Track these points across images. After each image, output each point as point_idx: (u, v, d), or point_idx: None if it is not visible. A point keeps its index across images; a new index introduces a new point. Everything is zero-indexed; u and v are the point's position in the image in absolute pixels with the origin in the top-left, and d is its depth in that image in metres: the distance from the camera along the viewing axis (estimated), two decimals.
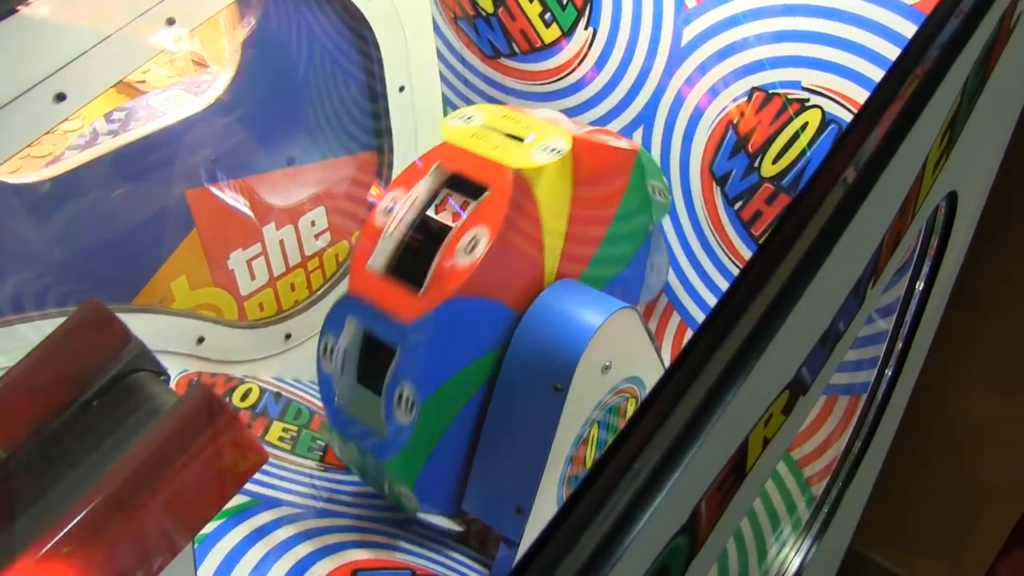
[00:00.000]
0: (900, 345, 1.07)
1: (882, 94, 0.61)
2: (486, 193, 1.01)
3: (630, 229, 1.19)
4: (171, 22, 1.10)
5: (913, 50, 0.63)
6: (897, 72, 0.62)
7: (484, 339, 1.04)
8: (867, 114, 0.60)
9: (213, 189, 1.26)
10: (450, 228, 1.01)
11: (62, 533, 0.64)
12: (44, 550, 0.63)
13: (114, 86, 1.09)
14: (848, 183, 0.57)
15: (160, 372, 0.79)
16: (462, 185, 1.04)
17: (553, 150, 1.02)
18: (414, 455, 1.03)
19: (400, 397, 1.01)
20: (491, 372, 1.06)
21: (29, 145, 1.04)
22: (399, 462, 1.02)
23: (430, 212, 1.04)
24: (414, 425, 1.01)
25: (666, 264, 1.26)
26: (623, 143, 1.12)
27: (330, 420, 1.09)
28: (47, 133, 1.05)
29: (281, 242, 1.36)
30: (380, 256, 1.03)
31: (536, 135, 1.05)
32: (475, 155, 1.04)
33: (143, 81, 1.63)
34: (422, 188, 1.05)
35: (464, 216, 1.01)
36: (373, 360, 1.03)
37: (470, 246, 0.99)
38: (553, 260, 1.08)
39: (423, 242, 1.02)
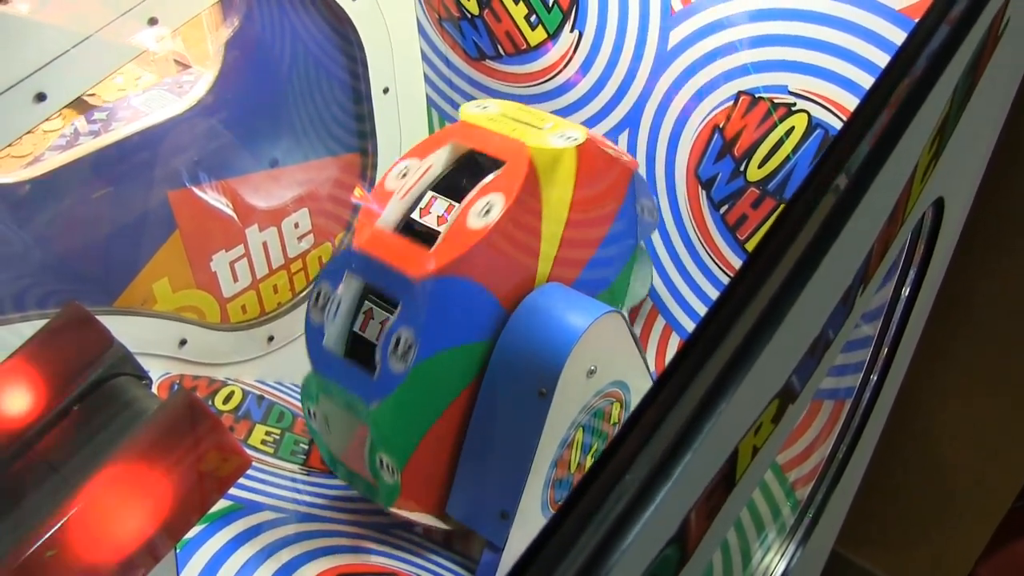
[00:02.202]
0: (885, 350, 1.07)
1: (873, 100, 0.61)
2: (503, 167, 1.03)
3: (619, 247, 1.20)
4: (153, 22, 1.09)
5: (904, 57, 0.63)
6: (888, 78, 0.62)
7: (476, 326, 1.04)
8: (858, 121, 0.60)
9: (195, 190, 1.25)
10: (436, 232, 1.00)
11: (43, 538, 0.64)
12: (25, 555, 0.63)
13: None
14: (839, 190, 0.57)
15: (142, 376, 0.79)
16: (477, 162, 1.05)
17: (570, 138, 1.05)
18: (400, 416, 1.02)
19: (398, 342, 1.00)
20: (479, 366, 1.05)
21: (9, 145, 1.03)
22: (385, 413, 1.00)
23: (415, 215, 1.04)
24: (405, 376, 0.99)
25: (650, 274, 1.26)
26: (625, 157, 1.14)
27: (314, 366, 1.07)
28: (27, 133, 1.04)
29: (264, 244, 1.35)
30: (392, 215, 1.04)
31: (553, 124, 1.08)
32: (493, 132, 1.07)
33: (93, 95, 1.60)
34: (439, 158, 1.06)
35: (480, 184, 1.03)
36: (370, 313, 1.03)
37: (484, 210, 1.00)
38: (546, 264, 1.09)
39: (438, 204, 1.04)
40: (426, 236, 1.01)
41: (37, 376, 0.76)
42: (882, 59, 0.99)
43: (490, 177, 1.03)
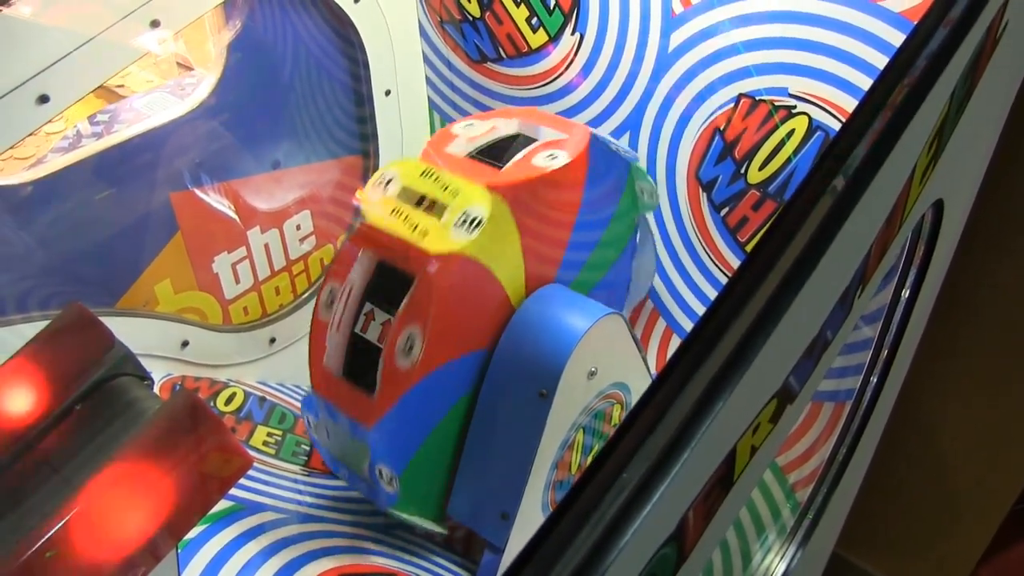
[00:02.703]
0: (885, 352, 1.07)
1: (871, 103, 0.61)
2: (413, 286, 0.99)
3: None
4: (156, 24, 1.09)
5: (902, 59, 0.63)
6: (886, 81, 0.62)
7: (454, 392, 1.06)
8: (856, 123, 0.60)
9: (198, 192, 1.26)
10: (379, 348, 1.00)
11: (44, 538, 0.64)
12: (26, 555, 0.63)
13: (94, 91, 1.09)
14: (837, 192, 0.57)
15: (144, 376, 0.79)
16: (388, 275, 1.02)
17: (473, 222, 0.97)
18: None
19: (381, 475, 1.03)
20: (470, 407, 1.07)
21: (12, 147, 1.03)
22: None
23: (357, 329, 1.04)
24: (398, 491, 1.03)
25: (652, 267, 1.26)
26: (562, 157, 1.06)
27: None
28: (30, 135, 1.04)
29: (266, 246, 1.35)
30: (332, 358, 1.04)
31: (454, 203, 0.99)
32: (398, 239, 0.99)
33: (122, 85, 1.62)
34: (355, 278, 1.04)
35: (394, 319, 1.00)
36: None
37: (407, 347, 0.99)
38: (518, 286, 1.07)
39: (364, 350, 1.03)
40: (370, 375, 1.01)
41: (39, 376, 0.76)
42: (882, 61, 0.99)
43: (402, 306, 0.99)
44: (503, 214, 1.00)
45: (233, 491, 0.77)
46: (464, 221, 0.97)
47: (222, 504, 1.08)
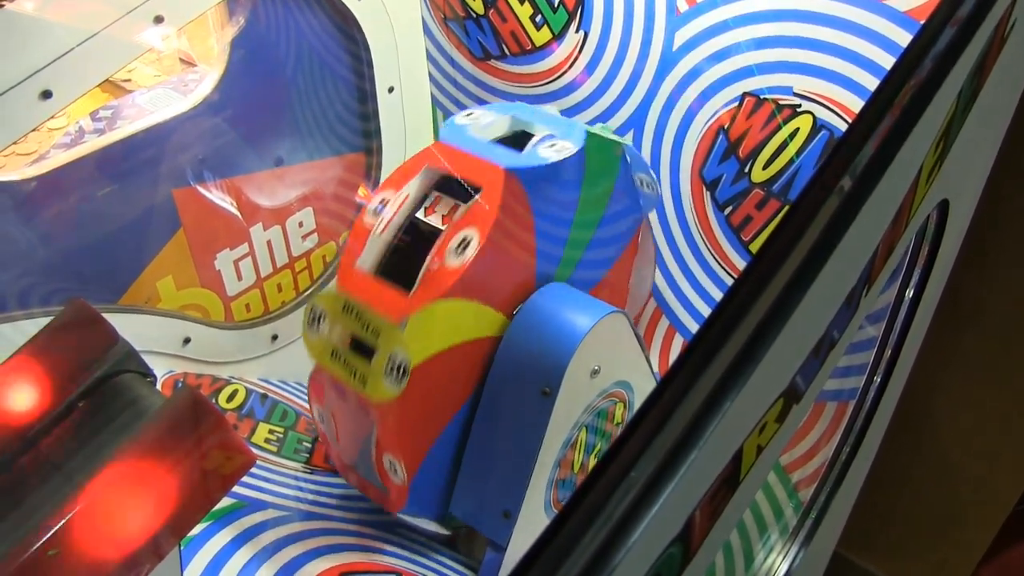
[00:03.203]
0: (889, 352, 1.07)
1: (878, 102, 0.61)
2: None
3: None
4: (159, 20, 1.09)
5: (909, 58, 0.63)
6: (893, 80, 0.62)
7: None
8: (863, 123, 0.60)
9: (200, 189, 1.25)
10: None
11: (48, 535, 0.64)
12: (30, 551, 0.63)
13: (99, 85, 1.09)
14: (844, 192, 0.57)
15: (146, 373, 0.79)
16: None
17: (399, 370, 0.96)
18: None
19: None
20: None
21: (14, 143, 1.03)
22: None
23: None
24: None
25: (651, 274, 1.25)
26: (473, 244, 1.00)
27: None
28: (32, 131, 1.04)
29: (268, 243, 1.35)
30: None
31: (379, 347, 0.97)
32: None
33: (129, 80, 1.62)
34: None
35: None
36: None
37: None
38: (496, 324, 1.06)
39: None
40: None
41: (42, 373, 0.76)
42: (887, 61, 0.99)
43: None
44: (441, 314, 0.98)
45: (235, 489, 0.77)
46: (392, 369, 0.95)
47: (224, 502, 1.08)
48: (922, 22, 0.68)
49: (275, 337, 1.39)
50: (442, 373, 1.01)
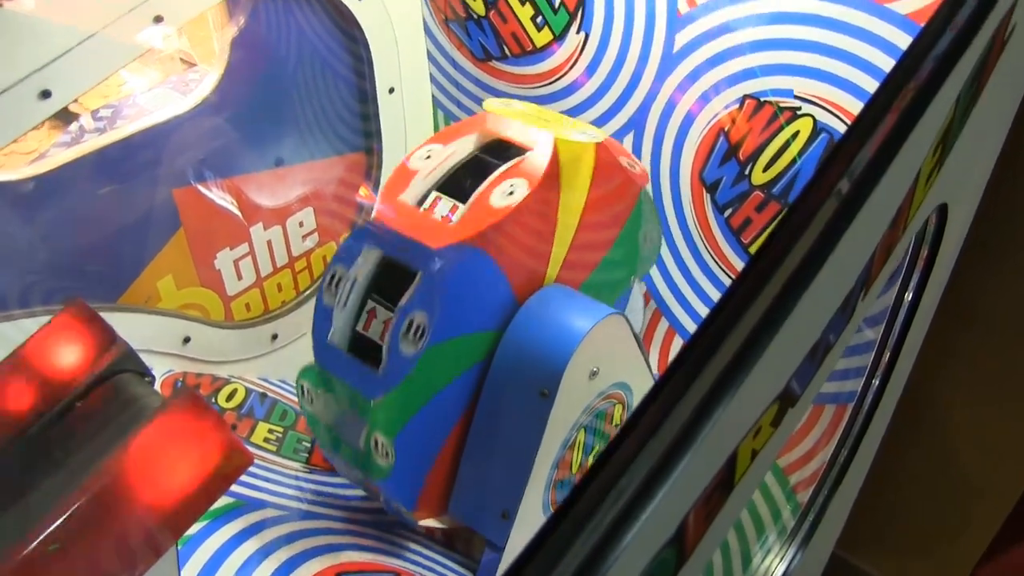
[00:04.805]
0: (888, 355, 1.07)
1: (877, 105, 0.60)
2: (529, 152, 1.03)
3: (618, 267, 1.19)
4: (158, 19, 1.09)
5: (908, 62, 0.63)
6: (893, 83, 0.62)
7: (488, 311, 1.04)
8: (861, 126, 0.60)
9: (200, 188, 1.26)
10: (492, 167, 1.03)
11: (45, 534, 0.64)
12: (27, 550, 0.63)
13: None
14: (842, 195, 0.57)
15: (145, 373, 0.79)
16: (502, 149, 1.06)
17: (589, 135, 1.06)
18: (401, 408, 1.02)
19: (411, 323, 0.99)
20: (485, 353, 1.05)
21: (14, 142, 1.03)
22: (386, 406, 1.00)
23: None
24: (415, 362, 0.99)
25: (642, 312, 1.26)
26: (637, 169, 1.14)
27: (317, 357, 1.06)
28: (32, 130, 1.04)
29: (268, 242, 1.35)
30: (415, 191, 1.04)
31: (573, 125, 1.09)
32: (517, 122, 1.07)
33: (76, 101, 1.59)
34: (464, 144, 1.07)
35: (504, 167, 1.03)
36: (388, 287, 1.02)
37: (508, 191, 1.00)
38: (555, 265, 1.09)
39: (461, 181, 1.04)
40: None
41: (40, 373, 0.76)
42: (888, 63, 0.99)
43: (513, 162, 1.03)
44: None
45: (234, 488, 0.77)
46: (583, 132, 1.06)
47: (222, 501, 1.08)
48: (922, 25, 0.67)
49: (275, 337, 1.40)
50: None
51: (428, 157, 1.07)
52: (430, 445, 1.06)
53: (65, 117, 1.52)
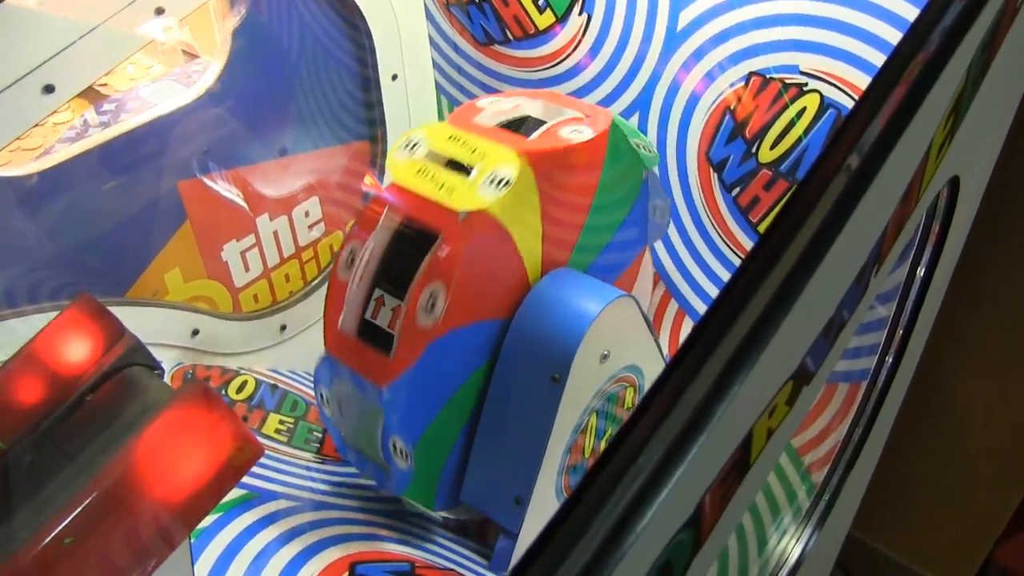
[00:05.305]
0: (901, 332, 1.06)
1: (886, 78, 0.60)
2: (437, 242, 0.99)
3: (616, 197, 1.16)
4: (160, 11, 1.09)
5: (917, 31, 0.62)
6: (902, 55, 0.61)
7: (471, 360, 1.05)
8: (870, 99, 0.59)
9: (205, 180, 1.25)
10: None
11: (60, 528, 0.64)
12: (43, 544, 0.63)
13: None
14: (852, 170, 0.56)
15: (154, 366, 0.79)
16: (412, 231, 1.02)
17: (501, 181, 0.98)
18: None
19: (395, 448, 1.03)
20: (485, 381, 1.06)
21: (18, 138, 1.03)
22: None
23: (367, 315, 1.03)
24: (411, 466, 1.03)
25: (667, 208, 1.24)
26: (587, 132, 1.06)
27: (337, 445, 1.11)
28: (36, 125, 1.04)
29: (275, 233, 1.35)
30: (349, 319, 1.03)
31: (482, 164, 1.00)
32: (423, 198, 1.00)
33: (105, 84, 1.60)
34: (377, 240, 1.03)
35: (417, 275, 0.99)
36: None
37: (429, 304, 0.98)
38: (535, 260, 1.07)
39: (384, 309, 1.02)
40: (387, 335, 1.01)
41: (49, 367, 0.76)
42: (895, 36, 0.98)
43: (425, 261, 0.99)
44: (528, 180, 1.00)
45: (245, 479, 0.77)
46: (492, 181, 0.98)
47: (234, 492, 1.08)
48: None
49: (284, 327, 1.39)
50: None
51: (350, 263, 1.04)
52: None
53: (92, 97, 1.53)
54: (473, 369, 1.05)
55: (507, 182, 0.97)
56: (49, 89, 1.01)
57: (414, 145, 1.04)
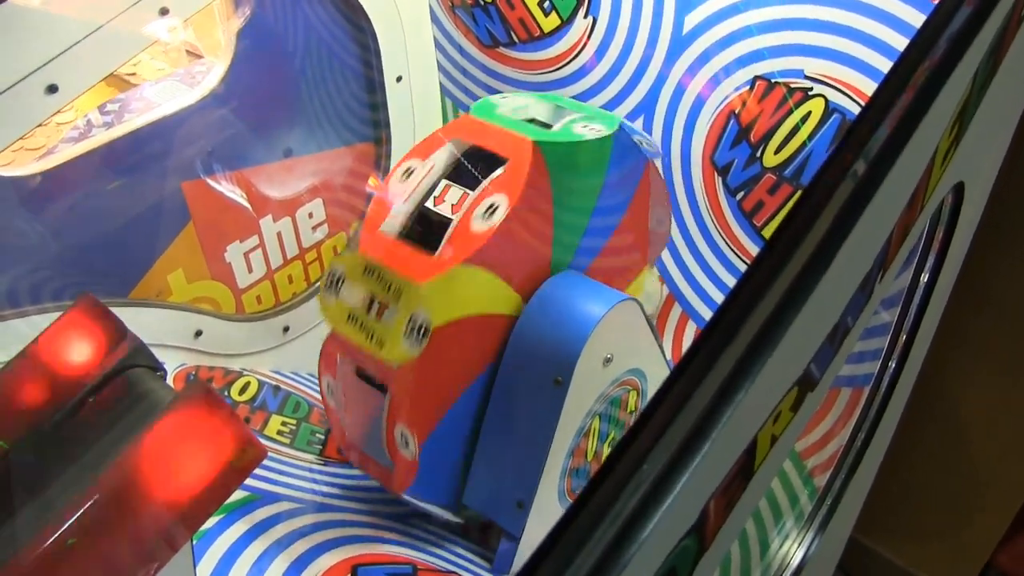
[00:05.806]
0: (904, 337, 1.06)
1: (892, 84, 0.60)
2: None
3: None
4: (164, 12, 1.09)
5: (924, 38, 0.62)
6: (907, 62, 0.61)
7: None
8: (877, 105, 0.59)
9: (209, 181, 1.25)
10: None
11: (62, 529, 0.64)
12: (45, 545, 0.63)
13: (104, 79, 1.08)
14: (858, 176, 0.56)
15: (157, 368, 0.79)
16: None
17: (420, 329, 0.97)
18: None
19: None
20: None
21: (22, 138, 1.03)
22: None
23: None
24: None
25: (668, 214, 1.23)
26: (501, 209, 1.01)
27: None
28: (40, 125, 1.04)
29: (279, 234, 1.35)
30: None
31: (400, 308, 0.99)
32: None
33: (133, 74, 1.61)
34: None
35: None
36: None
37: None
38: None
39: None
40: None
41: (52, 369, 0.76)
42: (900, 42, 0.98)
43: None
44: (463, 279, 0.98)
45: (248, 481, 0.77)
46: (412, 330, 0.97)
47: (237, 494, 1.08)
48: (936, 1, 0.66)
49: (287, 329, 1.39)
50: (458, 342, 1.00)
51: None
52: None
53: (119, 85, 1.54)
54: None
55: (425, 332, 0.96)
56: (52, 89, 1.01)
57: (338, 283, 1.02)
